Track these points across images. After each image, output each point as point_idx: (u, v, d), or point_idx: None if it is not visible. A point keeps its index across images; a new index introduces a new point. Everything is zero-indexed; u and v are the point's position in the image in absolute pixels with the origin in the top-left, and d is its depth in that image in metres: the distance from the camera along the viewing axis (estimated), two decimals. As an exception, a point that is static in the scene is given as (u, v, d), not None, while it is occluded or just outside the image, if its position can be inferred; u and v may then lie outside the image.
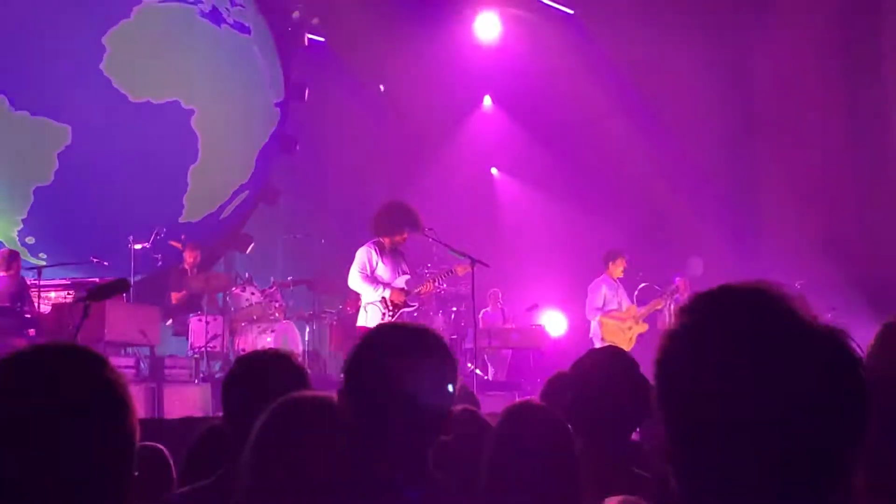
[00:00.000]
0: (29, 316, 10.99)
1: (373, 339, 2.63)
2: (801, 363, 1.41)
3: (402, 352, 2.57)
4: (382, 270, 10.45)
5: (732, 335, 1.45)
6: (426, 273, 13.69)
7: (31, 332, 10.37)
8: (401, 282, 10.53)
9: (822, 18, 14.72)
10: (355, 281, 10.50)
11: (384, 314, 10.28)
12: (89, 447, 1.63)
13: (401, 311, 10.43)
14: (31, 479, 1.59)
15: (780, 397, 1.39)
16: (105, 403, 1.69)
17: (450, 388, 2.59)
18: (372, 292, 10.38)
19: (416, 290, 10.75)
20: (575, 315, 14.26)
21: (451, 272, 11.25)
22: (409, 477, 2.49)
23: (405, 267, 10.71)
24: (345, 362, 2.62)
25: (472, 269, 10.95)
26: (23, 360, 1.68)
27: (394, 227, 10.48)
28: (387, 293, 10.33)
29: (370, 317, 10.33)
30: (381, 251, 10.52)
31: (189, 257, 13.01)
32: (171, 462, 4.47)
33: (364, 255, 10.49)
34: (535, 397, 3.54)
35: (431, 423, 2.54)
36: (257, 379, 3.32)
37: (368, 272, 10.40)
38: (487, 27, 16.23)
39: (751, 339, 1.44)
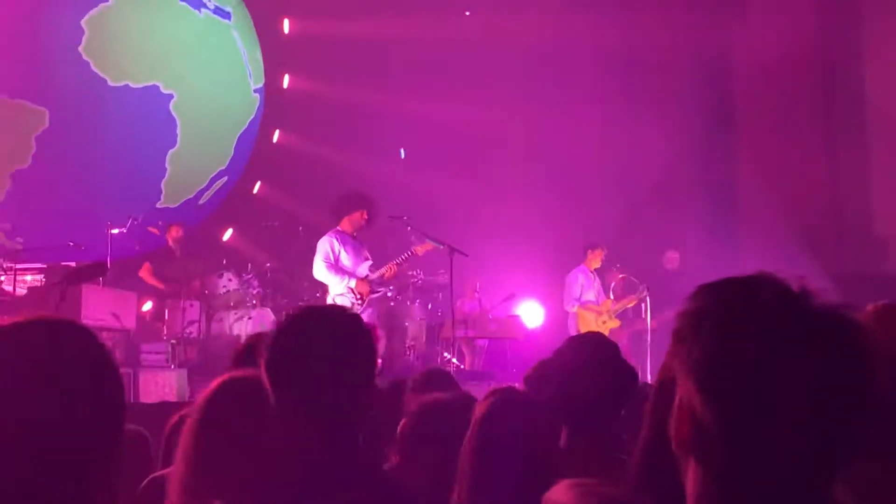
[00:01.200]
0: (5, 299, 10.95)
1: (289, 324, 2.68)
2: (814, 344, 1.42)
3: (317, 335, 2.62)
4: (346, 258, 10.60)
5: (738, 315, 1.46)
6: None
7: (6, 315, 10.32)
8: (364, 268, 10.65)
9: (801, 9, 14.78)
10: (321, 271, 10.62)
11: (354, 304, 10.35)
12: (82, 418, 1.63)
13: (368, 298, 10.56)
14: (23, 451, 1.58)
15: (791, 379, 1.41)
16: (97, 375, 1.69)
17: (368, 368, 2.68)
18: (338, 283, 10.50)
19: (377, 274, 10.79)
20: (552, 306, 14.30)
21: (412, 254, 11.23)
22: (334, 453, 2.55)
23: (366, 253, 10.83)
24: (266, 346, 2.65)
25: (451, 258, 11.00)
26: (12, 332, 1.67)
27: (353, 211, 10.67)
28: (352, 283, 10.46)
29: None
30: (343, 239, 10.65)
31: (175, 232, 12.92)
32: (151, 444, 4.49)
33: (327, 245, 10.63)
34: (515, 384, 3.54)
35: (350, 401, 2.60)
36: None
37: (333, 261, 10.53)
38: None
39: (759, 319, 1.44)
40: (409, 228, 12.23)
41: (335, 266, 10.52)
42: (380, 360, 12.29)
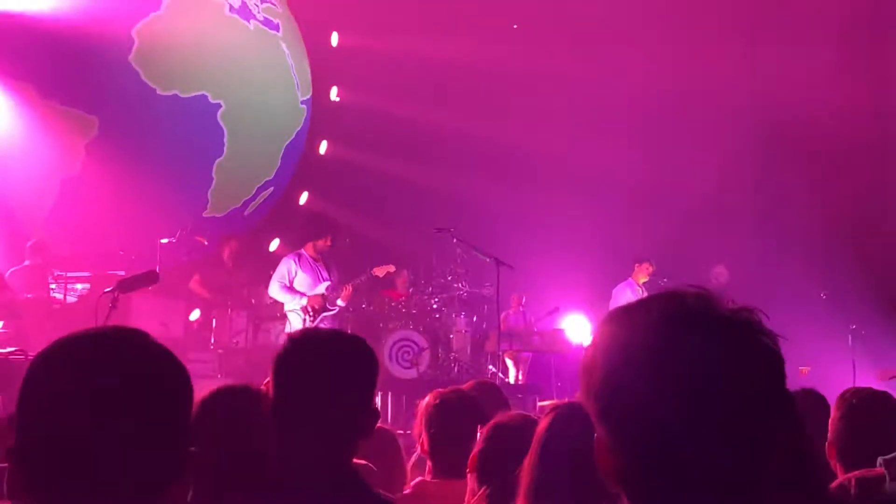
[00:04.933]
0: (56, 306, 11.05)
1: (297, 343, 2.81)
2: (711, 351, 1.38)
3: (322, 355, 2.76)
4: (301, 280, 11.02)
5: (626, 343, 1.44)
6: (448, 278, 13.65)
7: (56, 322, 10.41)
8: (321, 288, 11.06)
9: (848, 24, 14.68)
10: (274, 290, 11.14)
11: (304, 320, 10.87)
12: (163, 424, 1.71)
13: (321, 315, 10.93)
14: (101, 459, 1.64)
15: (689, 402, 1.37)
16: (177, 384, 1.77)
17: (367, 391, 2.80)
18: (290, 300, 10.97)
19: (337, 295, 11.17)
20: (599, 320, 14.18)
21: (371, 275, 11.74)
22: (326, 466, 2.64)
23: (326, 274, 11.16)
24: (273, 361, 2.77)
25: (498, 270, 10.97)
26: (103, 339, 1.75)
27: (318, 238, 11.14)
28: (303, 301, 10.88)
29: (293, 325, 10.97)
30: (300, 262, 11.10)
31: (233, 245, 12.96)
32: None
33: (283, 268, 11.13)
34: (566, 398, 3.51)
35: (349, 420, 2.71)
36: None
37: (287, 283, 11.00)
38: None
39: (657, 331, 1.42)
40: (454, 240, 12.23)
41: (288, 287, 10.99)
42: (419, 371, 12.37)
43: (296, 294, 10.91)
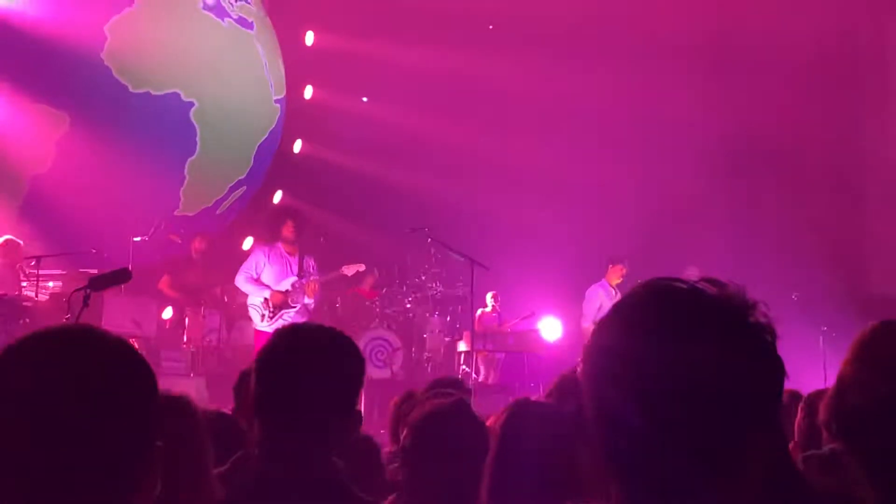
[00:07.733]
0: (27, 304, 10.96)
1: (279, 341, 2.72)
2: (703, 334, 1.38)
3: (304, 351, 2.69)
4: (268, 273, 10.92)
5: (632, 314, 1.42)
6: (422, 278, 13.64)
7: (27, 320, 10.34)
8: (287, 283, 10.89)
9: (812, 58, 14.83)
10: (240, 281, 11.05)
11: (263, 315, 10.81)
12: (125, 421, 1.63)
13: (281, 311, 10.83)
14: (54, 459, 1.57)
15: (682, 368, 1.35)
16: (137, 379, 1.69)
17: (352, 390, 2.72)
18: (255, 293, 10.88)
19: (302, 292, 11.01)
20: (571, 320, 14.19)
21: (340, 274, 11.66)
22: (309, 465, 2.58)
23: (296, 270, 11.05)
24: (255, 363, 2.71)
25: (472, 270, 10.95)
26: (49, 338, 1.67)
27: (280, 226, 11.09)
28: (267, 293, 10.79)
29: (253, 319, 11.02)
30: (271, 254, 11.03)
31: (199, 244, 12.94)
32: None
33: (252, 259, 11.11)
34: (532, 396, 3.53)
35: (336, 416, 2.65)
36: None
37: (254, 275, 10.92)
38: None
39: (650, 316, 1.40)
40: (429, 240, 12.22)
41: (254, 279, 10.91)
42: (392, 371, 12.37)
43: (261, 287, 10.82)
